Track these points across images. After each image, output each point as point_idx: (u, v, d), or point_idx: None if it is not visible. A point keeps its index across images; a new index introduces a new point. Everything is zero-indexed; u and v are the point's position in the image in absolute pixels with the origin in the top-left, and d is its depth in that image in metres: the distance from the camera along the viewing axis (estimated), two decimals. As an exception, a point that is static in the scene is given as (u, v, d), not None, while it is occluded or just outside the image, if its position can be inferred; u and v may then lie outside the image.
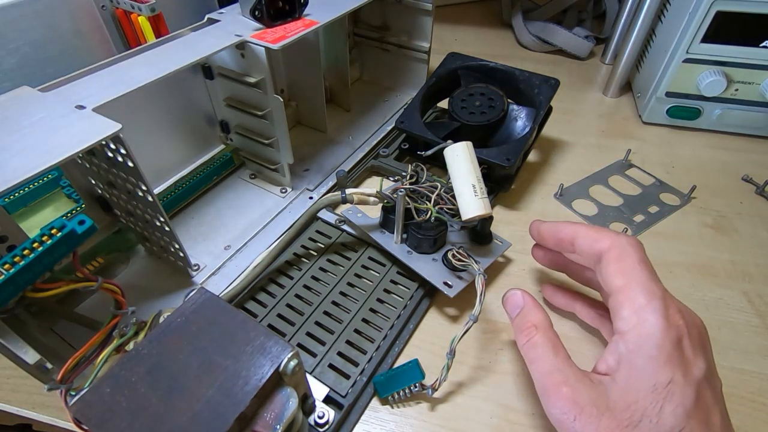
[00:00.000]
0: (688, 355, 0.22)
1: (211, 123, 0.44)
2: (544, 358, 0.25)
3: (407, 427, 0.29)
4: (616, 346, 0.23)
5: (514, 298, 0.29)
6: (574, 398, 0.22)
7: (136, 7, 0.37)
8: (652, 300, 0.23)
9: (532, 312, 0.27)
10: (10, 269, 0.22)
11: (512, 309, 0.29)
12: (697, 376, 0.22)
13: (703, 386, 0.22)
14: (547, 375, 0.24)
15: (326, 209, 0.40)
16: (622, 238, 0.26)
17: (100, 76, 0.30)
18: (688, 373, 0.21)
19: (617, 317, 0.24)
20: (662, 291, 0.24)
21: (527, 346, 0.26)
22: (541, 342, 0.25)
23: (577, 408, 0.22)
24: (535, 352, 0.25)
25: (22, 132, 0.24)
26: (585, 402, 0.22)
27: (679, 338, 0.22)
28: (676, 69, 0.49)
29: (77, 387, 0.26)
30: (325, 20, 0.38)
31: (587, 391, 0.22)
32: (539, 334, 0.26)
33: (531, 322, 0.27)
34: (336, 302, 0.34)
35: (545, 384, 0.24)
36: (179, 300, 0.34)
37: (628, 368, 0.22)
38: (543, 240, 0.32)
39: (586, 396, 0.22)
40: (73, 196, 0.36)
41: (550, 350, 0.25)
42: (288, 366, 0.21)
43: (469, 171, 0.34)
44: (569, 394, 0.22)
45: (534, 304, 0.28)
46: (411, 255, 0.35)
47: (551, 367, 0.24)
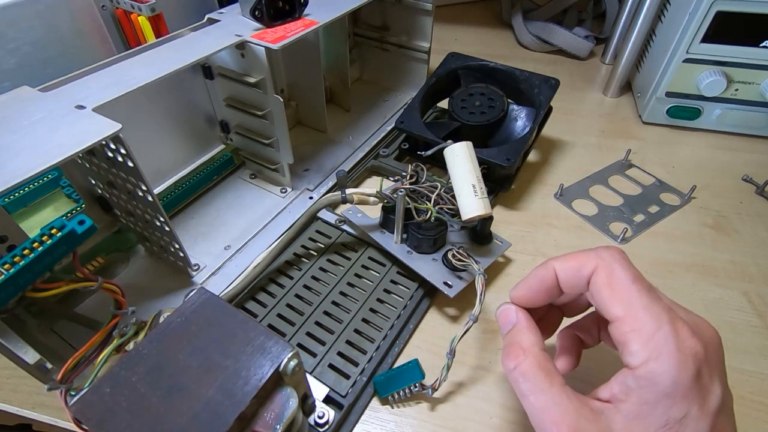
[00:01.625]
0: (705, 384, 0.20)
1: (211, 123, 0.44)
2: (537, 390, 0.22)
3: (407, 427, 0.29)
4: (624, 379, 0.21)
5: (507, 313, 0.26)
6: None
7: (136, 7, 0.37)
8: (661, 327, 0.20)
9: (523, 332, 0.24)
10: (10, 269, 0.22)
11: (504, 325, 0.26)
12: (714, 406, 0.20)
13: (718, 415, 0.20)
14: (543, 411, 0.22)
15: (326, 209, 0.40)
16: (603, 254, 0.23)
17: (100, 76, 0.30)
18: (704, 405, 0.20)
19: (625, 352, 0.21)
20: (668, 312, 0.21)
21: (516, 374, 0.23)
22: (532, 371, 0.23)
23: None
24: (526, 384, 0.23)
25: (22, 132, 0.24)
26: None
27: (698, 368, 0.20)
28: (676, 69, 0.49)
29: (77, 387, 0.26)
30: (325, 20, 0.38)
31: (589, 426, 0.21)
32: (528, 360, 0.23)
33: (519, 345, 0.24)
34: (336, 302, 0.34)
35: (543, 421, 0.22)
36: (179, 300, 0.34)
37: (637, 402, 0.20)
38: (533, 302, 0.26)
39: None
40: (73, 196, 0.36)
41: (544, 380, 0.22)
42: (288, 366, 0.21)
43: (469, 171, 0.34)
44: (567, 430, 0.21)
45: (527, 324, 0.25)
46: (411, 255, 0.35)
47: (547, 401, 0.22)
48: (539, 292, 0.26)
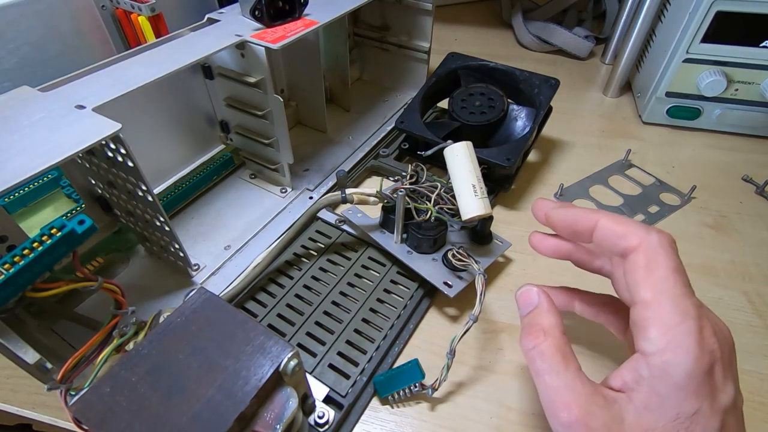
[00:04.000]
0: (717, 382, 0.20)
1: (211, 123, 0.44)
2: (552, 371, 0.22)
3: (407, 427, 0.29)
4: (636, 365, 0.21)
5: (529, 294, 0.25)
6: (586, 421, 0.20)
7: (136, 7, 0.37)
8: (686, 320, 0.20)
9: (544, 314, 0.24)
10: (10, 269, 0.22)
11: (524, 306, 0.26)
12: (725, 404, 0.20)
13: (728, 414, 0.20)
14: (556, 392, 0.21)
15: (326, 209, 0.40)
16: (652, 235, 0.22)
17: (100, 76, 0.30)
18: (715, 402, 0.20)
19: (642, 336, 0.21)
20: (697, 309, 0.20)
21: (534, 354, 0.23)
22: (550, 352, 0.22)
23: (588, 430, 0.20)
24: (542, 364, 0.22)
25: (22, 132, 0.24)
26: (597, 426, 0.20)
27: (712, 365, 0.20)
28: (676, 69, 0.49)
29: (77, 387, 0.26)
30: (325, 20, 0.38)
31: (600, 412, 0.20)
32: (548, 341, 0.23)
33: (541, 326, 0.24)
34: (336, 302, 0.34)
35: (554, 402, 0.21)
36: (179, 300, 0.34)
37: (649, 393, 0.20)
38: (554, 227, 0.27)
39: (600, 419, 0.20)
40: (73, 196, 0.36)
41: (560, 362, 0.22)
42: (288, 366, 0.21)
43: (469, 171, 0.34)
44: (580, 416, 0.20)
45: (549, 307, 0.25)
46: (411, 255, 0.35)
47: (561, 383, 0.21)
48: (570, 225, 0.25)
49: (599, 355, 0.33)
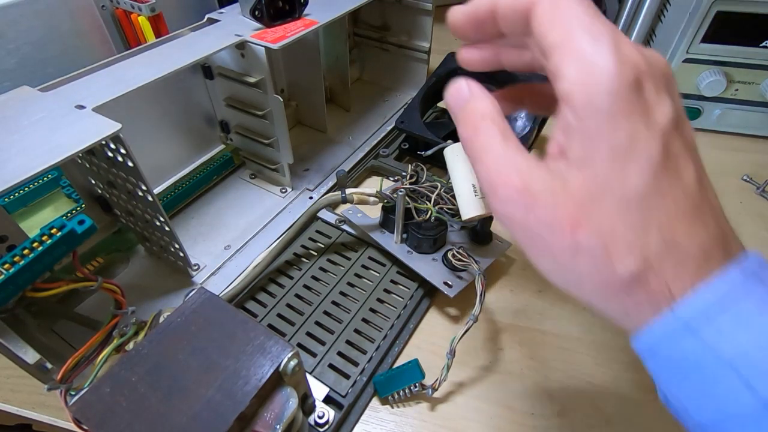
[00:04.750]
0: (649, 99, 0.17)
1: (211, 123, 0.44)
2: (490, 147, 0.20)
3: (407, 427, 0.29)
4: (563, 118, 0.18)
5: (458, 87, 0.22)
6: (526, 187, 0.18)
7: (136, 7, 0.37)
8: (598, 39, 0.17)
9: (479, 101, 0.21)
10: (10, 269, 0.22)
11: (456, 102, 0.22)
12: (663, 123, 0.17)
13: (670, 135, 0.17)
14: (494, 165, 0.19)
15: (326, 209, 0.40)
16: None
17: (100, 76, 0.30)
18: (651, 122, 0.17)
19: (558, 79, 0.18)
20: (612, 28, 0.17)
21: (472, 140, 0.21)
22: (488, 130, 0.20)
23: (530, 197, 0.18)
24: (479, 141, 0.20)
25: (22, 132, 0.24)
26: (539, 189, 0.18)
27: (638, 79, 0.17)
28: (676, 69, 0.49)
29: (77, 387, 0.26)
30: (325, 20, 0.38)
31: (541, 177, 0.18)
32: (485, 123, 0.20)
33: (477, 110, 0.21)
34: (336, 302, 0.34)
35: (492, 176, 0.19)
36: (179, 300, 0.34)
37: (580, 138, 0.17)
38: (463, 31, 0.24)
39: (540, 183, 0.18)
40: (73, 196, 0.36)
41: (498, 137, 0.19)
42: (288, 366, 0.21)
43: (469, 171, 0.34)
44: (519, 183, 0.18)
45: (482, 93, 0.22)
46: (411, 255, 0.35)
47: (499, 156, 0.19)
48: (476, 22, 0.22)
49: (598, 355, 0.33)
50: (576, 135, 0.17)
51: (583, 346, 0.33)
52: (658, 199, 0.17)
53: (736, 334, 0.15)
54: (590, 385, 0.31)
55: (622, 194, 0.17)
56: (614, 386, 0.31)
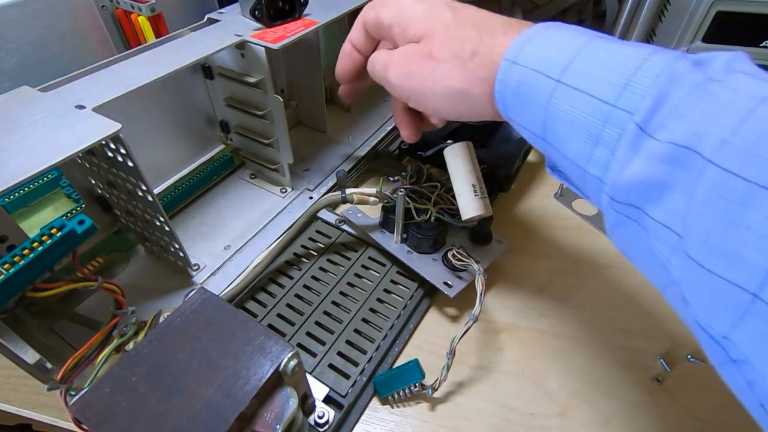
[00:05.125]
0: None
1: (211, 123, 0.44)
2: (389, 62, 0.30)
3: (407, 427, 0.29)
4: (381, 52, 0.30)
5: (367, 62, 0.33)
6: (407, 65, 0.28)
7: (136, 7, 0.37)
8: (378, 58, 0.30)
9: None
10: (10, 269, 0.22)
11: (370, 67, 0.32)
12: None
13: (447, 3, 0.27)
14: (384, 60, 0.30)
15: (326, 209, 0.40)
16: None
17: (100, 76, 0.30)
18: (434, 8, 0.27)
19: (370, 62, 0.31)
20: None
21: (377, 65, 0.31)
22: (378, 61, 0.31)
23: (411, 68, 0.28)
24: (384, 69, 0.30)
25: (22, 132, 0.24)
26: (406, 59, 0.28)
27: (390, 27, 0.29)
28: (676, 69, 0.49)
29: (77, 387, 0.26)
30: (325, 20, 0.38)
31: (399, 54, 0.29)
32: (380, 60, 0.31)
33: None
34: (336, 302, 0.34)
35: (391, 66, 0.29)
36: (179, 300, 0.34)
37: (402, 39, 0.28)
38: (351, 75, 0.34)
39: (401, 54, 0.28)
40: (73, 196, 0.36)
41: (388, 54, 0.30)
42: (288, 366, 0.21)
43: (469, 171, 0.34)
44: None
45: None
46: (411, 255, 0.35)
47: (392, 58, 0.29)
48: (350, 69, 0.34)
49: (598, 355, 0.33)
50: (401, 40, 0.29)
51: (583, 346, 0.33)
52: (460, 18, 0.26)
53: (538, 51, 0.22)
54: (590, 385, 0.31)
55: (444, 25, 0.26)
56: (614, 386, 0.31)
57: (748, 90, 0.17)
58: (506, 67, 0.23)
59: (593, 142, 0.20)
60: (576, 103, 0.21)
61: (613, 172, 0.20)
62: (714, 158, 0.16)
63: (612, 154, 0.20)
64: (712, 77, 0.18)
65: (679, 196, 0.18)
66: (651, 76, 0.19)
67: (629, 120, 0.19)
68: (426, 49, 0.26)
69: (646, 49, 0.20)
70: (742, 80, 0.17)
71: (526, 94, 0.23)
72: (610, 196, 0.20)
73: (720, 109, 0.17)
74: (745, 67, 0.18)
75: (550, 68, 0.21)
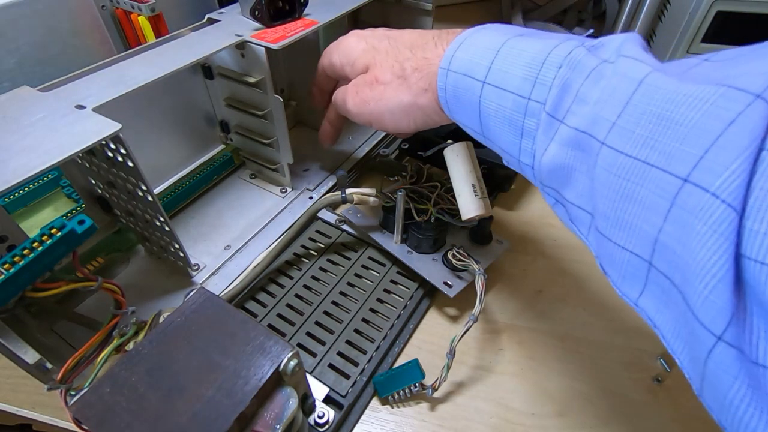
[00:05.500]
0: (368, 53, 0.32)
1: (211, 123, 0.44)
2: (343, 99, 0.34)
3: (407, 427, 0.29)
4: (343, 88, 0.34)
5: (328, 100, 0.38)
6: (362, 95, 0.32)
7: (136, 7, 0.37)
8: (341, 93, 0.34)
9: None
10: (10, 269, 0.22)
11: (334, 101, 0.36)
12: (375, 33, 0.32)
13: (376, 36, 0.32)
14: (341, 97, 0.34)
15: (326, 209, 0.40)
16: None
17: (100, 76, 0.30)
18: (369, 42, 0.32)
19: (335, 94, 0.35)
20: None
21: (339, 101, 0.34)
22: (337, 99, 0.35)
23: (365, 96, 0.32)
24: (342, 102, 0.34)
25: (22, 132, 0.24)
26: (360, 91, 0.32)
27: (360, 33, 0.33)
28: (676, 69, 0.49)
29: (77, 387, 0.26)
30: (325, 20, 0.38)
31: (352, 87, 0.33)
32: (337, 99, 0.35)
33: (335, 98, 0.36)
34: (336, 302, 0.34)
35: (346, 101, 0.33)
36: (179, 300, 0.34)
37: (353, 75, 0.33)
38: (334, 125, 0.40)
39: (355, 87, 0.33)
40: (73, 196, 0.36)
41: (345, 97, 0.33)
42: (288, 366, 0.21)
43: (469, 171, 0.34)
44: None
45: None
46: (411, 255, 0.35)
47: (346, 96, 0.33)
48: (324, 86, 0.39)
49: (598, 355, 0.33)
50: (353, 75, 0.33)
51: (583, 346, 0.33)
52: (396, 43, 0.30)
53: (465, 55, 0.25)
54: (590, 385, 0.31)
55: (384, 53, 0.31)
56: (614, 386, 0.31)
57: (630, 74, 0.18)
58: (442, 75, 0.26)
59: (519, 134, 0.23)
60: (500, 100, 0.23)
61: (537, 159, 0.22)
62: (606, 140, 0.18)
63: (534, 143, 0.22)
64: (607, 59, 0.20)
65: (584, 178, 0.20)
66: (554, 68, 0.21)
67: (542, 110, 0.21)
68: (372, 76, 0.30)
69: (552, 41, 0.22)
70: (625, 64, 0.19)
71: (461, 96, 0.25)
72: (539, 181, 0.23)
73: (609, 94, 0.18)
74: (631, 50, 0.19)
75: (476, 71, 0.24)
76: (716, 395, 0.15)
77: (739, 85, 0.15)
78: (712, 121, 0.15)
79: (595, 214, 0.19)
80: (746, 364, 0.14)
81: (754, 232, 0.13)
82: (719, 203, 0.14)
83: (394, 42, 0.30)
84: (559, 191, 0.22)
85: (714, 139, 0.15)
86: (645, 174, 0.17)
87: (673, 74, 0.17)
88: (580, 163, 0.20)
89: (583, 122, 0.19)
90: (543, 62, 0.21)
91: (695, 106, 0.15)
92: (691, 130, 0.15)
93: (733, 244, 0.14)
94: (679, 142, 0.16)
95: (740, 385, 0.14)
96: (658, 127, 0.16)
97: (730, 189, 0.14)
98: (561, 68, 0.21)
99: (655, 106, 0.17)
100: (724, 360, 0.14)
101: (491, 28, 0.25)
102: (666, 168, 0.16)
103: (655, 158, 0.16)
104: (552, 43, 0.22)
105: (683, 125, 0.16)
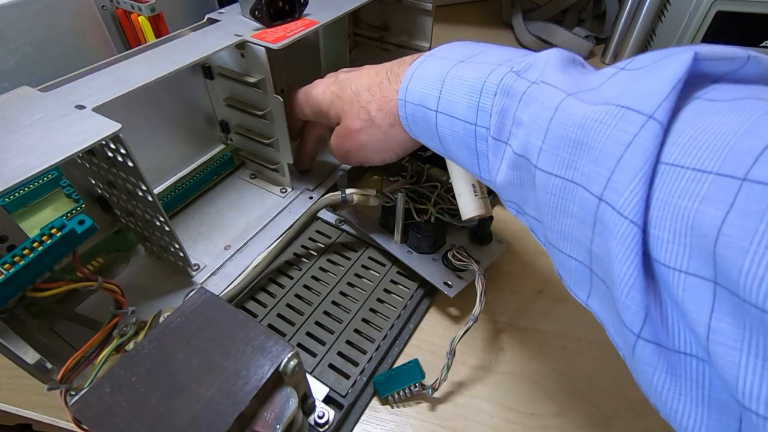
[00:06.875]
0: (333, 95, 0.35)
1: (211, 123, 0.44)
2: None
3: (407, 427, 0.29)
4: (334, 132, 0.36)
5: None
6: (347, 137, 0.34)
7: (136, 7, 0.37)
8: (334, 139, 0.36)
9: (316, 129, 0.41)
10: (10, 269, 0.22)
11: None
12: (337, 79, 0.35)
13: (340, 81, 0.35)
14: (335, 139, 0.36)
15: (326, 209, 0.40)
16: None
17: (100, 76, 0.30)
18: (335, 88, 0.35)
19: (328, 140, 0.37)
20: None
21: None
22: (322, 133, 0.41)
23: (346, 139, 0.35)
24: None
25: (22, 132, 0.24)
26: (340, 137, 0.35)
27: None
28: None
29: (77, 387, 0.26)
30: (325, 20, 0.38)
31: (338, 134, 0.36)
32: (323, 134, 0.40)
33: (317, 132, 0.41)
34: (336, 302, 0.34)
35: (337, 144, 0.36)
36: (179, 300, 0.34)
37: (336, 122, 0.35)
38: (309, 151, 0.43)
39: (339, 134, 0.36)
40: (73, 196, 0.36)
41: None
42: (288, 366, 0.21)
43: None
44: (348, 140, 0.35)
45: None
46: (411, 255, 0.35)
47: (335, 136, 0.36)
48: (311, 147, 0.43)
49: (598, 355, 0.33)
50: (331, 123, 0.36)
51: (583, 346, 0.33)
52: (357, 89, 0.33)
53: (417, 87, 0.27)
54: (590, 385, 0.31)
55: (349, 102, 0.33)
56: (614, 386, 0.31)
57: (547, 102, 0.20)
58: (401, 106, 0.28)
59: (475, 155, 0.24)
60: (453, 126, 0.25)
61: (493, 177, 0.24)
62: (538, 163, 0.20)
63: (488, 163, 0.24)
64: (534, 80, 0.21)
65: (531, 193, 0.22)
66: (491, 96, 0.23)
67: (488, 135, 0.23)
68: (345, 128, 0.33)
69: (486, 68, 0.24)
70: (543, 92, 0.20)
71: (420, 124, 0.27)
72: (500, 196, 0.24)
73: (533, 120, 0.20)
74: (549, 75, 0.21)
75: (428, 101, 0.26)
76: (645, 383, 0.17)
77: (637, 107, 0.16)
78: (614, 144, 0.17)
79: (543, 225, 0.21)
80: (665, 355, 0.16)
81: (659, 239, 0.15)
82: (623, 220, 0.16)
83: (354, 87, 0.33)
84: (518, 204, 0.23)
85: (616, 162, 0.17)
86: (573, 192, 0.19)
87: (586, 93, 0.19)
88: (525, 181, 0.22)
89: (520, 146, 0.21)
90: (480, 91, 0.23)
91: (600, 131, 0.17)
92: (600, 153, 0.17)
93: (639, 255, 0.16)
94: (592, 164, 0.18)
95: (660, 374, 0.16)
96: (577, 150, 0.18)
97: (631, 206, 0.16)
98: (496, 96, 0.22)
99: (570, 132, 0.18)
100: (644, 354, 0.16)
101: (436, 55, 0.27)
102: (587, 187, 0.18)
103: (579, 178, 0.18)
104: (486, 70, 0.24)
105: (594, 149, 0.18)
